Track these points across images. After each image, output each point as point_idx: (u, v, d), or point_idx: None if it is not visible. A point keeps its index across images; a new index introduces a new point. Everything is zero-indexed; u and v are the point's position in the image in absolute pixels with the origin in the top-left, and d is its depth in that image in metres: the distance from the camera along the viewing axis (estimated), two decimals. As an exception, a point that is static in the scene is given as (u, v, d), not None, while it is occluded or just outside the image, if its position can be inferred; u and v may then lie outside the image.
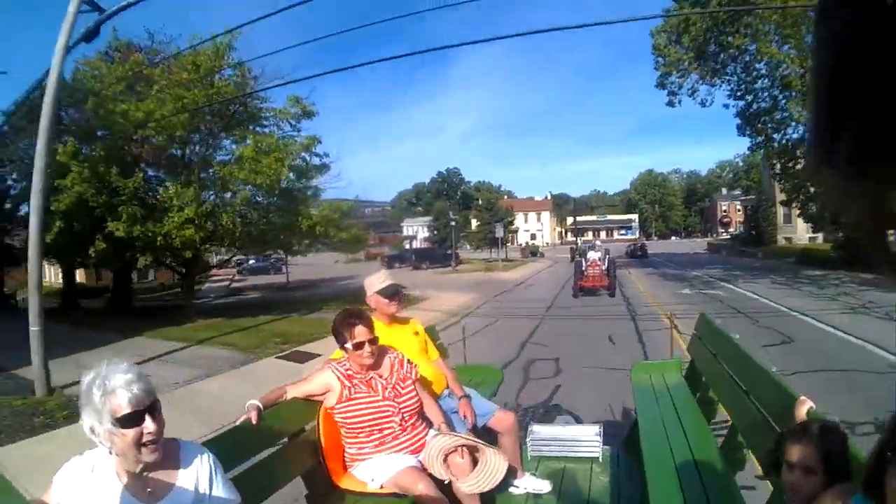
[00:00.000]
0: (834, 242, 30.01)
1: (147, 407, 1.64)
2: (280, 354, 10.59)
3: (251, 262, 40.07)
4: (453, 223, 43.77)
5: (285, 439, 2.81)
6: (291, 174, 15.70)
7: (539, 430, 4.13)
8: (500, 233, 36.61)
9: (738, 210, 77.90)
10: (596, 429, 4.04)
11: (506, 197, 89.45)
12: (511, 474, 3.47)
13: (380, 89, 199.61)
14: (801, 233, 43.53)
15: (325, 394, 2.94)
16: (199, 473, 1.79)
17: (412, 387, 3.06)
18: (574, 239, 70.88)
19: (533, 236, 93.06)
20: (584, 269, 19.74)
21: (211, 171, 15.20)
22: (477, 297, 20.83)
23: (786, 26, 20.32)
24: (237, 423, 2.54)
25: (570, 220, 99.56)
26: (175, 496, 1.73)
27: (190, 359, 10.53)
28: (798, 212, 32.65)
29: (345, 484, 2.91)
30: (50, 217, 11.07)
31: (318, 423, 2.94)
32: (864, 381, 7.20)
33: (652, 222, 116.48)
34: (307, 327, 13.51)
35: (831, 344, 9.78)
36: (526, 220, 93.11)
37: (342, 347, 2.99)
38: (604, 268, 19.65)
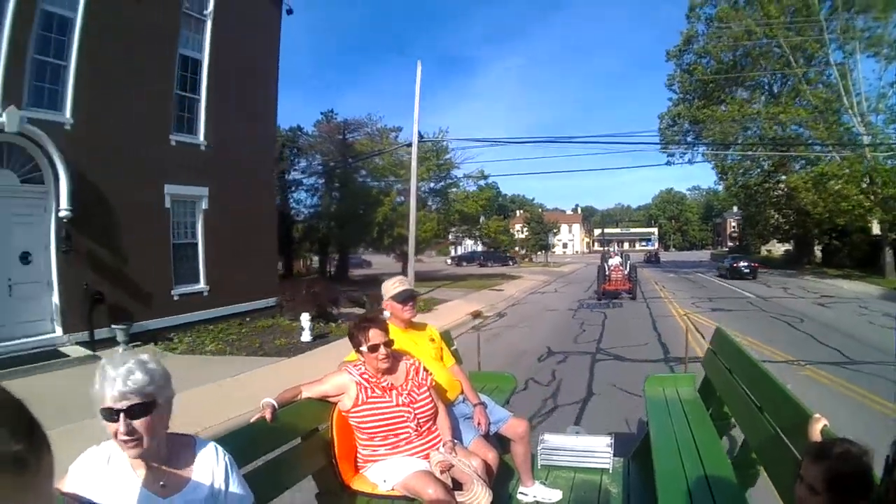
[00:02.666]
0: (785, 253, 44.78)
1: (129, 406, 1.57)
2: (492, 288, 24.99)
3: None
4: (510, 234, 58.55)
5: (298, 438, 2.81)
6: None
7: (550, 439, 4.14)
8: (550, 241, 51.00)
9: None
10: (607, 440, 4.04)
11: (540, 210, 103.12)
12: (521, 482, 3.66)
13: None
14: (776, 245, 57.27)
15: (339, 395, 2.95)
16: (214, 470, 1.78)
17: (427, 393, 3.07)
18: (601, 249, 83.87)
19: (565, 245, 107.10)
20: (607, 273, 20.51)
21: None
22: (549, 278, 35.13)
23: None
24: (252, 420, 2.54)
25: (597, 231, 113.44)
26: (189, 492, 1.73)
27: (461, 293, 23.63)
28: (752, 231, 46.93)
29: (356, 485, 2.93)
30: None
31: (332, 424, 2.94)
32: (739, 304, 19.27)
33: (670, 235, 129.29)
34: (485, 282, 27.99)
35: (726, 293, 22.96)
36: (559, 231, 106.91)
37: (357, 350, 2.99)
38: (626, 272, 20.55)
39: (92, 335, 9.88)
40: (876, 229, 29.07)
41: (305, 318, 11.60)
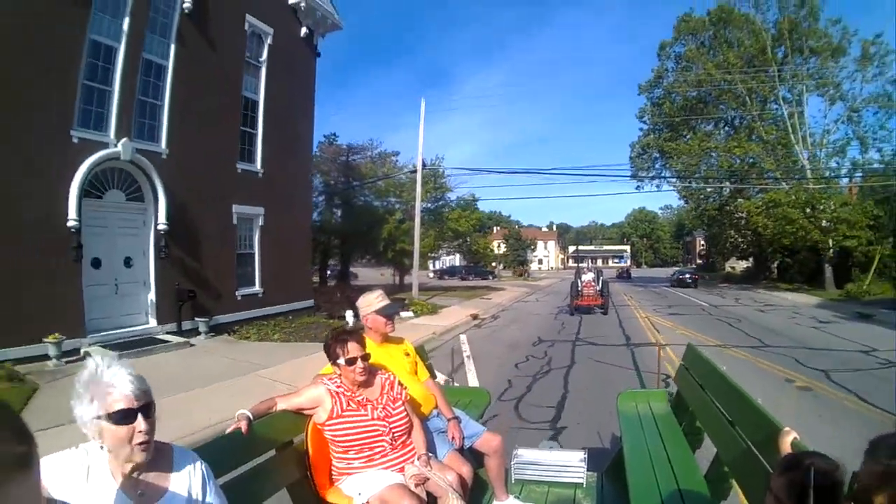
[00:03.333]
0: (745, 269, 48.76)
1: (141, 406, 1.63)
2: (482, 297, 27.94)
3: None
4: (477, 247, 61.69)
5: (273, 451, 2.79)
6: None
7: (524, 453, 4.18)
8: (529, 257, 54.20)
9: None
10: (581, 454, 4.07)
11: (516, 226, 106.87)
12: (495, 496, 3.68)
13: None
14: (738, 262, 61.39)
15: (314, 408, 2.92)
16: (192, 480, 1.77)
17: (402, 407, 3.07)
18: (575, 265, 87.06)
19: (540, 261, 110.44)
20: (580, 289, 20.75)
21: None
22: (528, 289, 38.49)
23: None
24: (227, 431, 2.52)
25: (571, 248, 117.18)
26: (167, 501, 1.71)
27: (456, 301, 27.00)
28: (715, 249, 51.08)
29: (331, 497, 2.90)
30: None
31: (307, 437, 2.91)
32: (692, 310, 23.12)
33: (642, 253, 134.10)
34: (473, 293, 31.15)
35: (683, 302, 26.75)
36: (535, 248, 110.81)
37: (334, 363, 2.99)
38: (598, 288, 20.82)
39: (180, 326, 12.37)
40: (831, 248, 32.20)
41: (350, 314, 14.43)
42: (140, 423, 1.61)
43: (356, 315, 4.25)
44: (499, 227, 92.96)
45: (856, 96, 31.87)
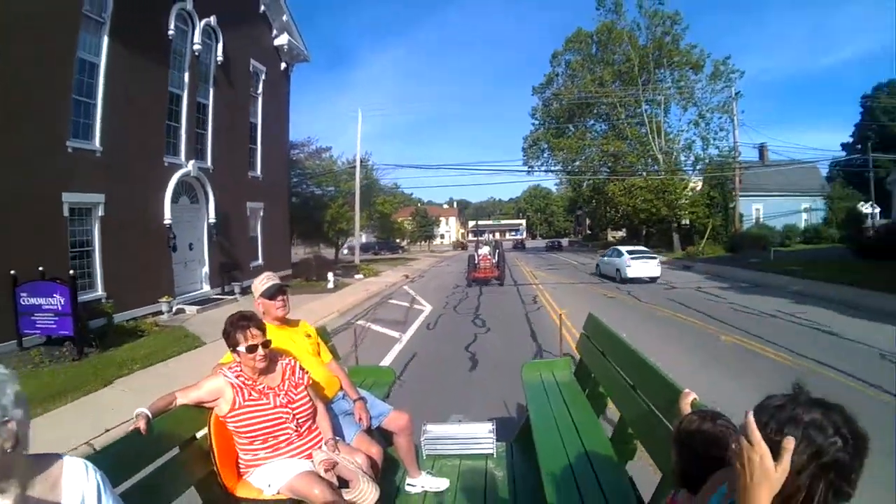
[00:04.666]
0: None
1: None
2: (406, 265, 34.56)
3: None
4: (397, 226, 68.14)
5: (177, 448, 2.70)
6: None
7: (433, 429, 4.25)
8: (434, 233, 61.49)
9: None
10: (489, 426, 4.20)
11: (419, 204, 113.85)
12: (408, 474, 3.74)
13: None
14: (617, 232, 72.17)
15: (215, 400, 2.85)
16: (84, 492, 1.63)
17: (305, 393, 3.05)
18: (475, 239, 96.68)
19: (442, 236, 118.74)
20: (476, 262, 21.71)
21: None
22: (438, 259, 45.93)
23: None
24: (126, 433, 2.42)
25: (471, 223, 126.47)
26: None
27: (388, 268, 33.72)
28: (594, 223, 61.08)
29: (240, 492, 2.86)
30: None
31: (210, 431, 2.83)
32: (563, 265, 32.85)
33: (537, 226, 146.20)
34: (397, 262, 38.20)
35: (560, 263, 36.32)
36: (440, 224, 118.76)
37: (234, 351, 2.91)
38: (494, 261, 21.75)
39: (223, 289, 18.00)
40: (685, 221, 40.91)
41: (331, 276, 20.55)
42: None
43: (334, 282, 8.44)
44: (402, 206, 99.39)
45: (706, 104, 40.80)
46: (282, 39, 22.27)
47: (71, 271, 10.85)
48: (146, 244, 14.40)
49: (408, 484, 3.75)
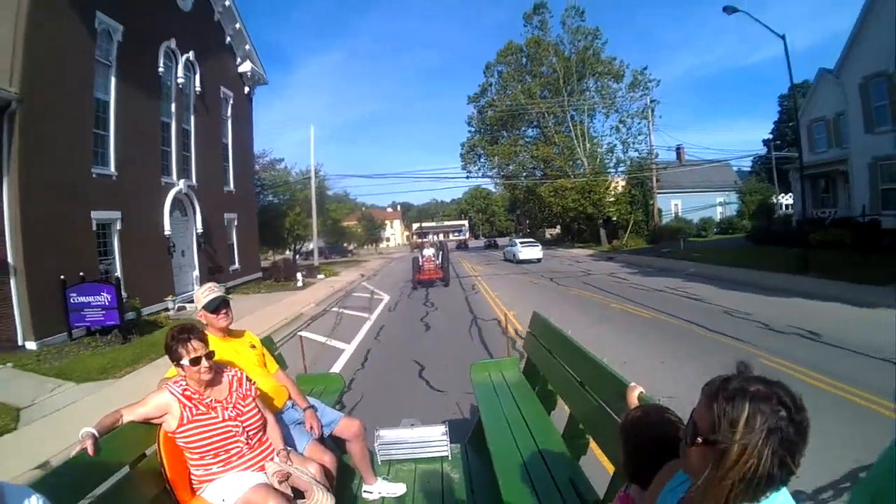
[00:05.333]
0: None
1: None
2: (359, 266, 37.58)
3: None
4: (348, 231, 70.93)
5: (126, 468, 2.64)
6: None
7: (386, 434, 4.27)
8: (381, 235, 64.56)
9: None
10: (442, 428, 4.26)
11: (363, 208, 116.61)
12: (364, 481, 3.77)
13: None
14: (554, 229, 77.32)
15: (163, 416, 2.79)
16: None
17: (253, 404, 3.01)
18: (419, 241, 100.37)
19: (388, 239, 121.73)
20: (420, 264, 21.95)
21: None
22: (387, 260, 48.95)
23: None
24: (72, 454, 2.35)
25: (415, 225, 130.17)
26: None
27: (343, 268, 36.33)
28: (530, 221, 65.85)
29: None
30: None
31: (159, 447, 2.78)
32: (497, 261, 36.66)
33: (479, 226, 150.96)
34: (350, 264, 40.78)
35: (495, 259, 40.10)
36: (385, 228, 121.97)
37: (177, 365, 2.87)
38: (438, 262, 22.13)
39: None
40: (613, 217, 45.21)
41: (300, 276, 23.44)
42: None
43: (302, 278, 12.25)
44: (350, 212, 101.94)
45: (626, 111, 45.59)
46: (245, 66, 25.07)
47: (118, 274, 13.60)
48: (152, 252, 17.09)
49: (364, 491, 3.76)
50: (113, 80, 15.81)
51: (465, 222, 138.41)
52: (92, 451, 2.34)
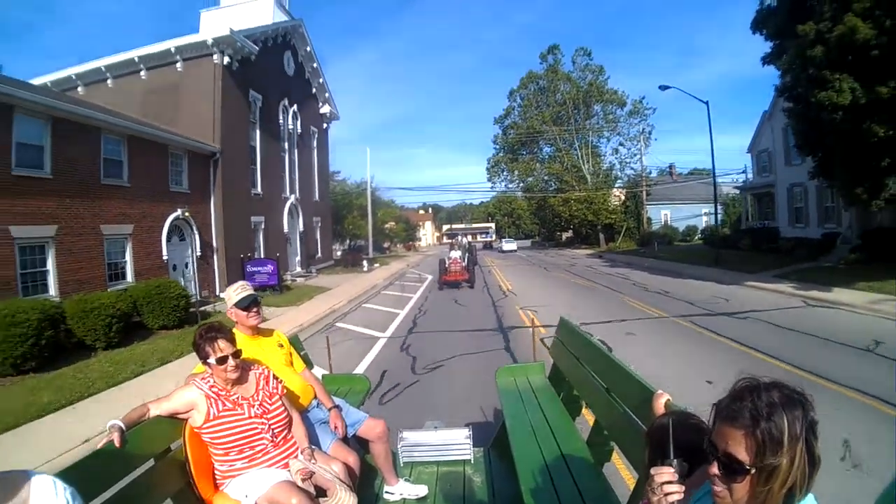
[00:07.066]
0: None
1: None
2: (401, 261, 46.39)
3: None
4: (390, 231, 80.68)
5: (151, 461, 2.67)
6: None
7: (410, 436, 4.29)
8: (417, 236, 73.78)
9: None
10: (466, 431, 4.28)
11: (398, 211, 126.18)
12: (386, 481, 3.80)
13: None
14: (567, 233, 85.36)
15: (189, 411, 2.84)
16: None
17: (280, 402, 3.06)
18: (449, 241, 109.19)
19: (419, 239, 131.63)
20: (447, 266, 22.55)
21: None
22: (424, 256, 57.38)
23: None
24: (98, 446, 2.39)
25: (445, 227, 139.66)
26: None
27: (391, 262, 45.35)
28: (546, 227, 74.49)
29: (217, 503, 2.86)
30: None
31: (185, 442, 2.83)
32: (518, 261, 42.72)
33: (505, 228, 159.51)
34: (392, 259, 48.82)
35: (514, 259, 46.69)
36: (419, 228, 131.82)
37: (205, 363, 2.92)
38: (464, 264, 22.68)
39: (306, 270, 29.72)
40: (614, 223, 53.99)
41: (366, 262, 32.47)
42: None
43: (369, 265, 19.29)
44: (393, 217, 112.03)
45: (626, 135, 54.52)
46: (325, 108, 34.22)
47: (277, 254, 22.67)
48: (277, 242, 26.28)
49: (386, 492, 3.79)
50: (258, 132, 24.94)
51: (492, 225, 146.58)
52: (118, 444, 2.38)
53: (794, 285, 16.83)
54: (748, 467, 1.23)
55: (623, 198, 53.66)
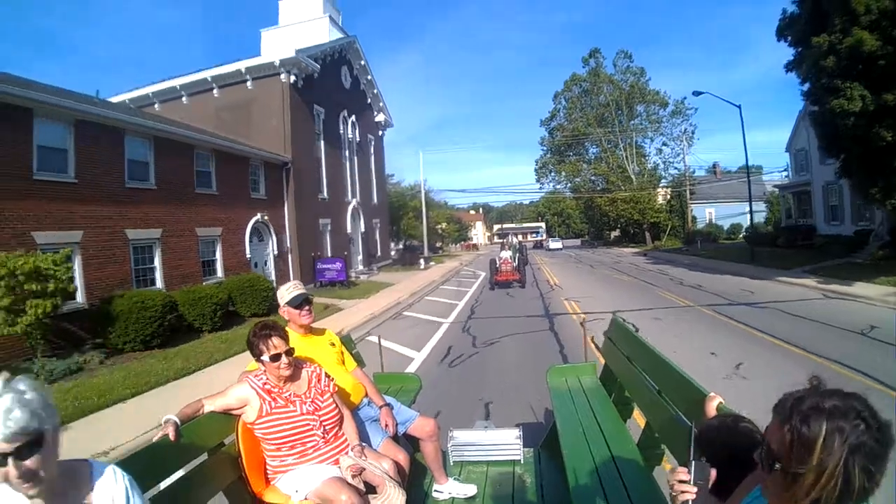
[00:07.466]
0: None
1: (17, 448, 1.40)
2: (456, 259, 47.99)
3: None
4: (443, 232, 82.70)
5: (205, 454, 2.75)
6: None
7: (460, 435, 4.28)
8: (468, 236, 75.48)
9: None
10: (516, 432, 4.23)
11: (450, 212, 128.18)
12: (435, 480, 3.79)
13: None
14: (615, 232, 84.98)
15: (242, 407, 2.90)
16: (114, 496, 1.69)
17: (331, 400, 3.10)
18: (500, 241, 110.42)
19: (471, 238, 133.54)
20: (498, 266, 22.56)
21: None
22: (476, 256, 58.64)
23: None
24: (154, 439, 2.47)
25: (496, 226, 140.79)
26: None
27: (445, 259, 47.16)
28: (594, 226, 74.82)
29: (268, 497, 2.88)
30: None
31: (238, 437, 2.88)
32: (565, 259, 43.84)
33: (555, 228, 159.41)
34: (446, 257, 50.46)
35: (561, 257, 47.46)
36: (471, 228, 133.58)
37: (258, 360, 2.96)
38: (514, 264, 22.56)
39: (368, 268, 31.70)
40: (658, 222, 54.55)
41: (422, 261, 34.24)
42: (10, 468, 1.40)
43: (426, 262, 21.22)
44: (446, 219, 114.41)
45: (669, 135, 54.86)
46: (380, 117, 36.17)
47: (346, 253, 24.62)
48: (341, 242, 28.24)
49: (435, 490, 3.79)
50: (322, 142, 26.97)
51: (542, 224, 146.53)
52: (173, 437, 2.46)
53: (819, 280, 17.54)
54: (774, 461, 1.22)
55: (668, 197, 53.70)
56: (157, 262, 15.50)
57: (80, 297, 12.34)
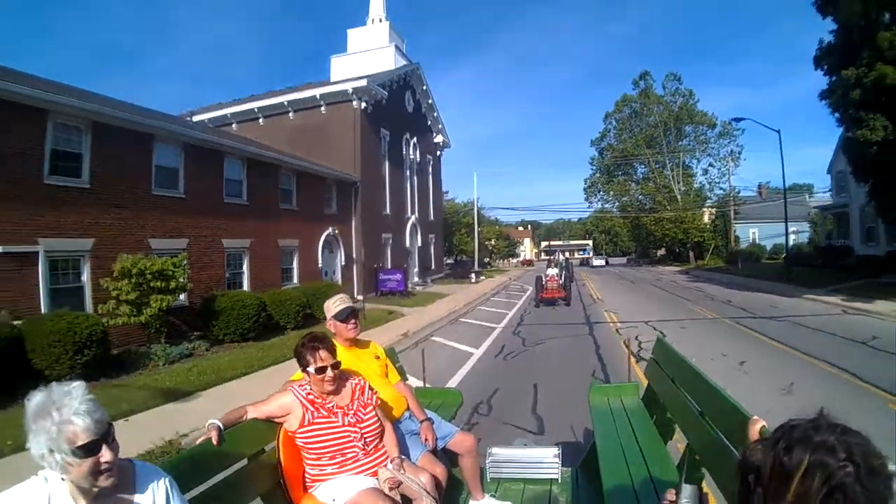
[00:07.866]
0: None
1: (103, 434, 1.58)
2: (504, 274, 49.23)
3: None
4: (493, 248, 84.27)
5: (245, 460, 2.76)
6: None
7: (498, 452, 4.21)
8: (518, 251, 76.74)
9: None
10: (555, 450, 4.15)
11: (500, 228, 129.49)
12: (472, 496, 3.73)
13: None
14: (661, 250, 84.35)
15: (285, 416, 2.91)
16: (155, 496, 1.74)
17: (373, 412, 3.08)
18: (547, 257, 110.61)
19: (519, 254, 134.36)
20: (544, 283, 22.37)
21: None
22: (523, 272, 58.69)
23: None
24: (197, 443, 2.54)
25: (544, 243, 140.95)
26: None
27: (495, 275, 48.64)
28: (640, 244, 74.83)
29: None
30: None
31: (278, 444, 2.91)
32: (609, 275, 45.05)
33: (603, 246, 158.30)
34: (495, 272, 52.05)
35: (605, 273, 48.93)
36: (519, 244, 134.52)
37: (304, 370, 2.97)
38: (560, 282, 22.37)
39: (424, 280, 33.38)
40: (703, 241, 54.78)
41: (473, 274, 35.76)
42: (105, 453, 1.57)
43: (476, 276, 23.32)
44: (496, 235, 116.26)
45: (716, 156, 55.17)
46: (438, 138, 38.03)
47: (405, 265, 26.38)
48: (400, 255, 30.03)
49: None
50: (386, 163, 28.88)
51: (590, 242, 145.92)
52: (216, 442, 2.50)
53: (844, 297, 18.30)
54: (755, 480, 1.10)
55: (713, 216, 53.85)
56: (244, 267, 17.41)
57: (182, 295, 14.23)
